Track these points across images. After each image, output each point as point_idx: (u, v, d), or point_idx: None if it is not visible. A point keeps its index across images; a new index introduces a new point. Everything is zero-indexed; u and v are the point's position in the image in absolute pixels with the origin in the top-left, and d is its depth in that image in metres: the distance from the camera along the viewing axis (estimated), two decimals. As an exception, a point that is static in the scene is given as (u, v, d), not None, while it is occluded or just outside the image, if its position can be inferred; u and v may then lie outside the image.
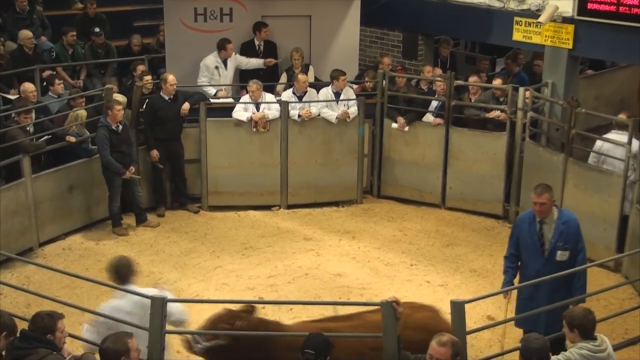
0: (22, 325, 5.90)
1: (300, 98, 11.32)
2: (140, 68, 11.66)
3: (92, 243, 10.41)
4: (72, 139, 10.34)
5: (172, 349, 6.82)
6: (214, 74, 11.75)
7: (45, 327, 5.63)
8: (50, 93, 11.25)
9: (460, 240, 10.65)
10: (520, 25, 11.36)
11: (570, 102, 10.12)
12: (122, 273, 6.64)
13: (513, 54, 12.80)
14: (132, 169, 10.44)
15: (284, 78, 12.02)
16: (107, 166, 10.32)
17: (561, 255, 7.11)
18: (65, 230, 10.48)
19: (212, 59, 11.74)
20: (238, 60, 11.93)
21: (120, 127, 10.30)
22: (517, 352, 5.64)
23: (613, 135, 9.94)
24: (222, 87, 11.78)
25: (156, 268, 9.74)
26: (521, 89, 10.75)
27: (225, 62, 11.79)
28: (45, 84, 11.65)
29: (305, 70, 12.00)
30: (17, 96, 11.24)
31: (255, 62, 11.98)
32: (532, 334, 5.65)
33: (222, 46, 11.69)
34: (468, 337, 5.98)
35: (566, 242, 7.12)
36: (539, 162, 10.60)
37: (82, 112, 10.62)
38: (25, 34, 12.11)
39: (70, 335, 6.24)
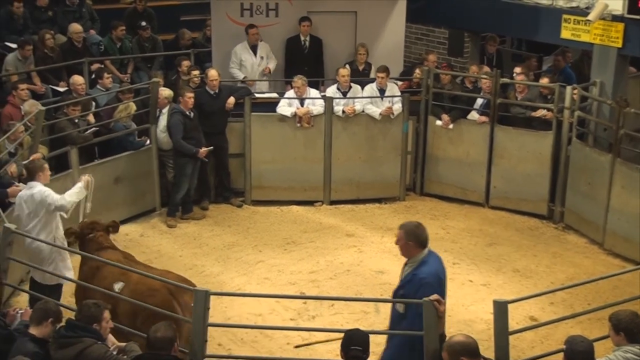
0: (67, 315, 6.00)
1: (344, 94, 11.31)
2: (185, 64, 11.75)
3: (136, 234, 10.52)
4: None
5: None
6: (242, 60, 11.82)
7: (91, 316, 5.71)
8: (98, 86, 11.39)
9: (503, 239, 10.56)
10: (569, 23, 11.22)
11: (619, 102, 9.97)
12: (31, 171, 7.97)
13: (561, 52, 12.64)
14: (204, 149, 10.60)
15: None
16: (180, 149, 10.46)
17: (399, 306, 6.12)
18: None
19: (240, 46, 11.83)
20: (267, 51, 11.96)
21: (192, 114, 10.46)
22: (561, 354, 5.57)
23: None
24: (249, 79, 11.83)
25: (199, 261, 9.81)
26: (568, 88, 10.62)
27: (253, 48, 11.84)
28: (93, 77, 11.79)
29: (368, 69, 11.98)
30: (66, 88, 11.42)
31: (273, 64, 12.00)
32: (578, 335, 5.57)
33: (246, 31, 11.79)
34: (510, 337, 5.91)
35: (406, 295, 6.07)
36: (585, 162, 10.46)
37: (132, 105, 10.75)
38: (75, 27, 12.26)
39: (116, 325, 6.31)
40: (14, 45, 11.72)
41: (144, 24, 12.99)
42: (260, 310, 8.54)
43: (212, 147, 10.75)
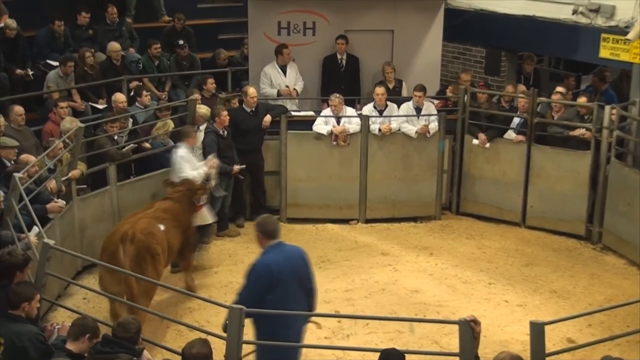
0: (104, 330, 6.05)
1: (381, 112, 11.31)
2: (210, 82, 11.83)
3: (172, 251, 10.57)
4: (148, 146, 10.56)
5: None
6: (272, 80, 11.88)
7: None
8: (137, 104, 11.50)
9: (540, 260, 10.45)
10: (608, 42, 11.13)
11: (659, 122, 9.85)
12: (180, 134, 10.02)
13: (599, 72, 12.53)
14: (237, 166, 10.65)
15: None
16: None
17: None
18: (148, 237, 10.65)
19: (269, 67, 11.90)
20: (296, 72, 12.00)
21: (226, 132, 10.54)
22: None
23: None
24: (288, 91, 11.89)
25: (234, 278, 9.82)
26: (607, 107, 10.51)
27: (284, 69, 11.89)
28: (132, 94, 11.92)
29: (399, 86, 11.99)
30: (105, 106, 11.56)
31: (300, 86, 12.01)
32: (617, 358, 5.48)
33: (278, 51, 11.84)
34: (547, 359, 5.85)
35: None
36: (624, 182, 10.34)
37: (170, 122, 10.86)
38: (114, 46, 12.40)
39: (144, 340, 6.33)
40: (55, 63, 11.90)
41: (181, 42, 13.11)
42: (294, 328, 8.52)
43: (244, 166, 10.79)
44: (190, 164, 9.86)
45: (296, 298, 6.50)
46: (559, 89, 11.40)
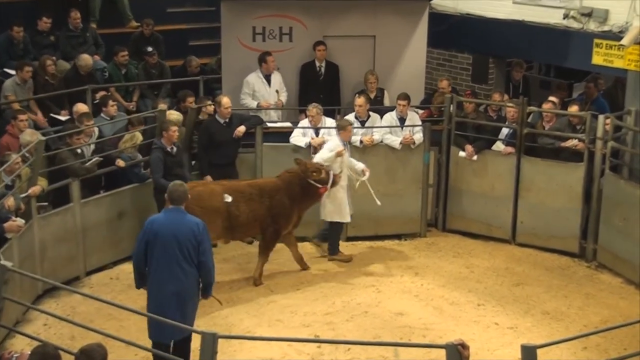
0: (66, 359, 5.96)
1: (362, 123, 11.30)
2: (190, 100, 11.72)
3: (141, 272, 10.47)
4: (122, 164, 10.45)
5: None
6: (255, 90, 11.84)
7: None
8: (102, 114, 11.39)
9: (531, 279, 10.47)
10: (601, 48, 11.21)
11: (655, 132, 9.91)
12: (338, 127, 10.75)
13: (593, 79, 12.61)
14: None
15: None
16: (160, 188, 10.42)
17: None
18: (114, 258, 10.57)
19: (253, 76, 11.87)
20: (280, 82, 11.99)
21: (175, 149, 10.43)
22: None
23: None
24: (271, 105, 11.88)
25: (206, 301, 9.71)
26: (601, 117, 10.57)
27: (268, 78, 11.87)
28: (96, 101, 11.77)
29: (380, 95, 11.99)
30: (67, 117, 11.45)
31: (284, 97, 12.01)
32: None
33: (262, 59, 11.82)
34: (540, 386, 5.84)
35: None
36: (619, 195, 10.39)
37: (138, 135, 10.77)
38: (86, 60, 12.20)
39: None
40: (13, 72, 11.79)
41: (150, 49, 13.05)
42: (271, 355, 8.48)
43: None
44: None
45: (173, 260, 7.41)
46: (552, 98, 11.45)
